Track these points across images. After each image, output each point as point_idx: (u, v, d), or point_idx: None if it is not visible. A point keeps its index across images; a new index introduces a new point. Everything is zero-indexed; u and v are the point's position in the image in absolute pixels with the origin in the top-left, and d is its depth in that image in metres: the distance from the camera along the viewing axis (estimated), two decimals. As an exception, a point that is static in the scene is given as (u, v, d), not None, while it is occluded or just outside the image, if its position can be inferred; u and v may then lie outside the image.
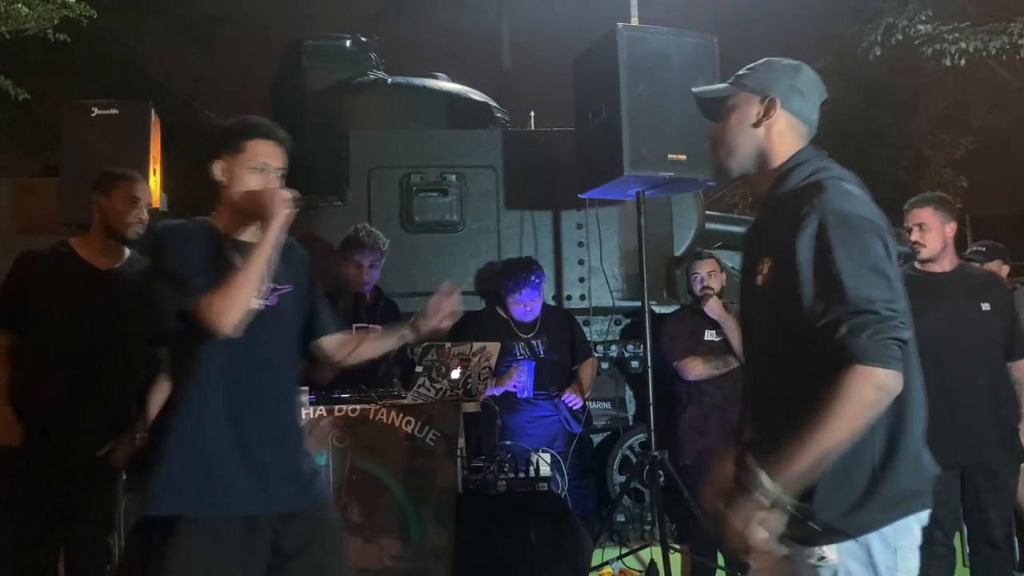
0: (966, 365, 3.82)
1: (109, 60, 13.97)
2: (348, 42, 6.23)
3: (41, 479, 3.37)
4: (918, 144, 16.52)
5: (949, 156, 16.75)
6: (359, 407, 3.67)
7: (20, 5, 8.37)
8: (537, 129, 6.10)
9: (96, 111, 4.83)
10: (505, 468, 3.81)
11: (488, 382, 3.97)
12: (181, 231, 2.50)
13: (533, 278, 4.72)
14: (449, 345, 3.84)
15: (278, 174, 2.54)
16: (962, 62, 12.28)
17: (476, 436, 4.35)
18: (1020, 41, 11.86)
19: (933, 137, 16.87)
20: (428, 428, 3.69)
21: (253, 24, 16.53)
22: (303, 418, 2.96)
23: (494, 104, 6.43)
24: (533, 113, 6.41)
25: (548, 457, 3.96)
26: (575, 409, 4.78)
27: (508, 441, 4.18)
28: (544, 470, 3.86)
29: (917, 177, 15.86)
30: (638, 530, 5.00)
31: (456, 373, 3.79)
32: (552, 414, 4.76)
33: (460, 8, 18.71)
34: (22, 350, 3.46)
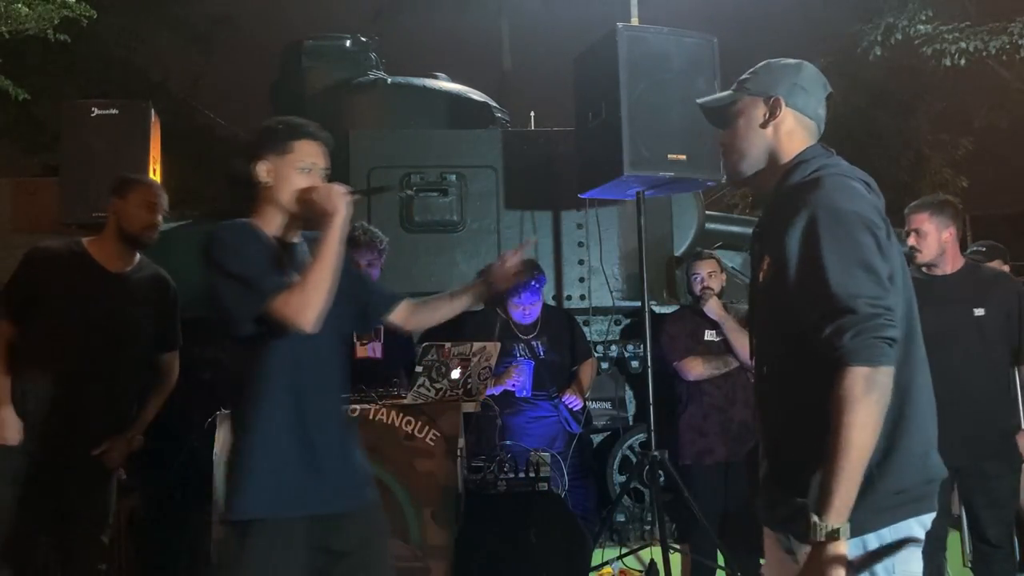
0: (961, 369, 3.78)
1: (109, 60, 13.99)
2: (348, 42, 6.24)
3: (38, 477, 3.37)
4: (918, 144, 16.54)
5: (949, 156, 16.77)
6: (359, 407, 3.67)
7: (20, 5, 8.37)
8: (537, 129, 6.09)
9: (96, 111, 4.85)
10: (505, 468, 3.81)
11: (488, 382, 3.97)
12: (239, 233, 2.46)
13: (533, 282, 4.70)
14: (449, 345, 3.84)
15: (324, 174, 2.55)
16: (962, 62, 12.28)
17: (476, 436, 4.34)
18: (1020, 41, 11.87)
19: (933, 137, 16.89)
20: (428, 428, 3.69)
21: (253, 24, 16.57)
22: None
23: (494, 104, 6.44)
24: (533, 113, 6.42)
25: (548, 457, 3.95)
26: (575, 410, 4.77)
27: (508, 441, 4.18)
28: (544, 471, 3.86)
29: (917, 177, 15.89)
30: (638, 530, 5.00)
31: (456, 373, 3.79)
32: (552, 414, 4.75)
33: (460, 8, 18.72)
34: (24, 346, 3.46)
